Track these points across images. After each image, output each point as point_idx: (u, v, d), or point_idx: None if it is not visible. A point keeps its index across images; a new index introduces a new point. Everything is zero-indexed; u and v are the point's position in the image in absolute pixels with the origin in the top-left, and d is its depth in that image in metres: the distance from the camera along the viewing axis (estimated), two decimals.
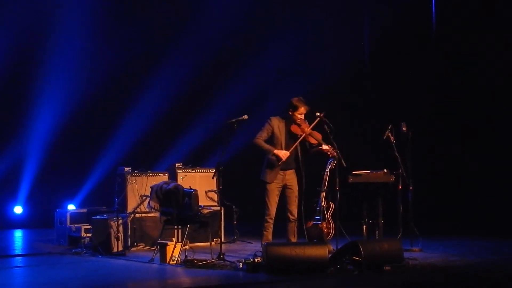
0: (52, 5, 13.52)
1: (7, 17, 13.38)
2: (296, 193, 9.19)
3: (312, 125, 9.16)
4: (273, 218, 9.12)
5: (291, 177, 9.18)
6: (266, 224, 9.10)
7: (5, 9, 13.38)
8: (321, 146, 9.20)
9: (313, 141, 9.18)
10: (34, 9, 13.48)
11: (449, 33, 13.39)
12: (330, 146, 9.21)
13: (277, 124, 9.15)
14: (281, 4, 14.59)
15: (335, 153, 9.20)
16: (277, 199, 9.14)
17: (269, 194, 9.10)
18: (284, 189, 9.19)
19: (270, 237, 9.10)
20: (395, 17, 13.88)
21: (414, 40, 13.75)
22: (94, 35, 13.83)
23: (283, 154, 9.01)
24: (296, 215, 9.17)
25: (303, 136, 9.08)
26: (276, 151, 9.03)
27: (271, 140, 9.14)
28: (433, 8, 13.60)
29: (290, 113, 9.13)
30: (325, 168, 9.86)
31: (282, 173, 9.14)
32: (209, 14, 14.26)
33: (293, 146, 9.07)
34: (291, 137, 9.14)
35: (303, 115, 9.14)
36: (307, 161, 9.31)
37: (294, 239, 9.16)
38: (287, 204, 9.20)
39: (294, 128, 9.13)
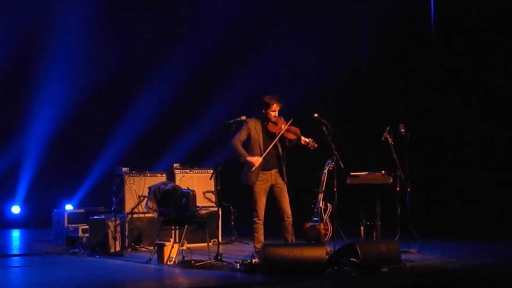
0: (50, 5, 13.51)
1: (6, 17, 13.36)
2: (286, 191, 9.08)
3: (289, 122, 9.03)
4: (262, 219, 9.00)
5: (276, 177, 9.05)
6: (255, 225, 8.99)
7: (3, 9, 13.37)
8: (300, 140, 9.05)
9: (291, 136, 9.05)
10: (32, 10, 13.48)
11: (448, 35, 13.39)
12: (310, 139, 9.06)
13: (253, 126, 9.06)
14: (280, 7, 14.58)
15: (316, 145, 9.06)
16: (264, 200, 9.00)
17: (256, 196, 8.97)
18: (272, 189, 9.06)
19: (261, 238, 9.01)
20: (393, 19, 13.88)
21: (413, 41, 13.74)
22: (92, 35, 13.83)
23: (255, 160, 8.89)
24: (290, 214, 9.05)
25: (280, 133, 8.98)
26: (248, 158, 8.91)
27: (249, 141, 9.05)
28: (432, 10, 13.60)
29: (264, 111, 9.07)
30: (323, 169, 9.87)
31: (266, 173, 9.02)
32: (207, 15, 14.25)
33: (270, 147, 8.92)
34: (269, 137, 9.01)
35: (276, 112, 9.04)
36: (305, 162, 9.30)
37: (291, 238, 9.08)
38: (279, 204, 9.05)
39: (270, 126, 9.02)
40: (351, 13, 14.55)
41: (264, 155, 8.93)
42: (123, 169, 10.66)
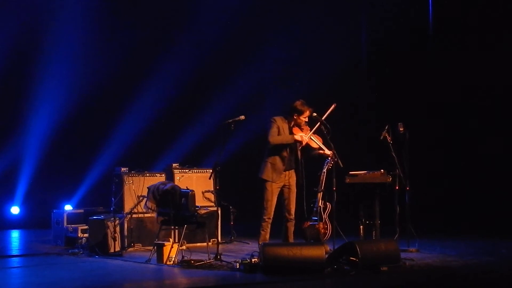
0: (49, 6, 13.50)
1: (5, 17, 13.35)
2: (295, 193, 9.18)
3: (314, 129, 9.16)
4: (271, 218, 9.11)
5: (290, 177, 9.19)
6: (264, 223, 9.09)
7: (2, 8, 13.36)
8: (323, 151, 9.21)
9: (314, 145, 9.19)
10: (31, 9, 13.47)
11: (448, 33, 13.39)
12: (331, 151, 9.21)
13: (281, 125, 9.15)
14: (279, 4, 14.59)
15: (336, 158, 9.21)
16: (276, 199, 9.13)
17: (269, 194, 9.07)
18: (283, 189, 9.18)
19: (267, 237, 9.11)
20: (393, 17, 13.89)
21: (412, 39, 13.74)
22: (91, 35, 13.81)
23: (303, 138, 9.02)
24: (293, 215, 9.17)
25: (306, 141, 9.09)
26: (296, 137, 9.02)
27: None
28: (430, 7, 13.60)
29: (295, 117, 9.13)
30: (322, 168, 9.87)
31: (283, 174, 9.14)
32: (206, 14, 14.24)
33: (309, 134, 9.05)
34: None
35: (307, 118, 9.16)
36: (304, 161, 9.31)
37: (291, 239, 9.14)
38: (285, 203, 9.17)
39: (295, 130, 9.14)
40: (351, 13, 14.56)
41: (310, 134, 9.06)
42: (122, 169, 10.65)
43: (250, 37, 14.62)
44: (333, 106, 9.20)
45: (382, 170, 9.91)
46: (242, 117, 9.05)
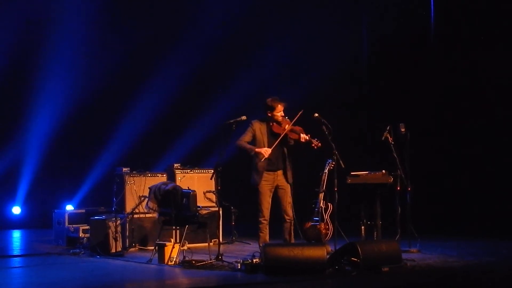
0: (49, 5, 13.51)
1: (6, 17, 13.36)
2: (289, 193, 9.17)
3: (294, 120, 9.10)
4: (267, 219, 9.12)
5: (281, 178, 9.16)
6: (261, 225, 9.11)
7: (3, 9, 13.37)
8: (305, 139, 9.04)
9: (295, 136, 9.12)
10: (32, 9, 13.47)
11: (448, 33, 13.40)
12: (309, 135, 9.12)
13: (258, 127, 9.16)
14: (279, 4, 14.59)
15: (319, 144, 9.12)
16: (269, 200, 9.12)
17: (261, 196, 9.08)
18: (276, 190, 9.17)
19: (266, 238, 9.13)
20: (394, 17, 13.90)
21: (413, 40, 13.75)
22: (92, 35, 13.82)
23: (264, 150, 8.99)
24: (291, 215, 9.16)
25: (283, 134, 9.04)
26: (257, 149, 9.03)
27: (254, 143, 9.14)
28: (432, 8, 13.61)
29: (270, 114, 9.13)
30: (324, 169, 9.88)
31: (271, 174, 9.12)
32: (207, 15, 14.25)
33: (275, 144, 9.02)
34: (274, 137, 9.10)
35: (282, 112, 9.12)
36: (306, 162, 9.32)
37: (290, 239, 9.15)
38: (281, 204, 9.16)
39: (275, 127, 9.11)
40: (351, 13, 14.56)
41: (273, 147, 8.99)
42: (124, 169, 10.66)
43: (251, 37, 14.62)
44: (300, 113, 9.12)
45: (383, 171, 9.92)
46: (244, 117, 9.06)
